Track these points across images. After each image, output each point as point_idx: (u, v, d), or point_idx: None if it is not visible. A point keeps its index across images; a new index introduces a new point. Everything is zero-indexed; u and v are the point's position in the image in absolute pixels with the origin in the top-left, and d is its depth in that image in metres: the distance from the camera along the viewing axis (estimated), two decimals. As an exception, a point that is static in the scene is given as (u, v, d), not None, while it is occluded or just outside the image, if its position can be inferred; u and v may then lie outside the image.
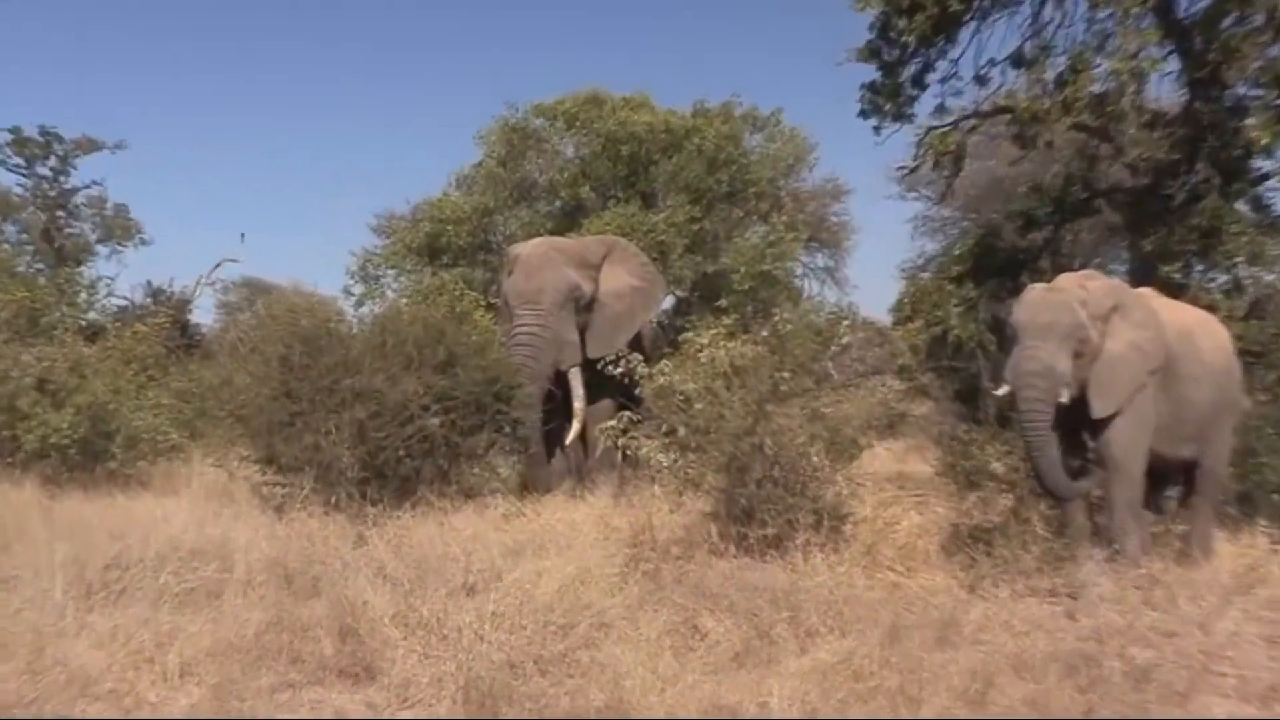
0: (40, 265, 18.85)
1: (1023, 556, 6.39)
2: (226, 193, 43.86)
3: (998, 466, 8.41)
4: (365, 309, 14.84)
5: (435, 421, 8.28)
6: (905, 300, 14.61)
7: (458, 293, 14.05)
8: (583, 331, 9.81)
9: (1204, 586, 6.05)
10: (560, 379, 9.57)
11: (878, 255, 41.96)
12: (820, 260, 18.68)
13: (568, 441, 9.57)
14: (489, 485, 8.87)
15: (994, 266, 12.40)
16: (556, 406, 9.53)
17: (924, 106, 11.29)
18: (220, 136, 46.82)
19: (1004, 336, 7.80)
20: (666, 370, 7.65)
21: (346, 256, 16.26)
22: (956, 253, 13.95)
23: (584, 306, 9.85)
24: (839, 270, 18.63)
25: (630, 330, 10.00)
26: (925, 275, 15.50)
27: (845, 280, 18.58)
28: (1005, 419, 8.21)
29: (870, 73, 11.12)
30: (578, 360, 9.62)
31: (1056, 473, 6.81)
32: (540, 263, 9.81)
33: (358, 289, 15.68)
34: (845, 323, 11.19)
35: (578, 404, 9.54)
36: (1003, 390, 7.06)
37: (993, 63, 10.81)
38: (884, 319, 16.18)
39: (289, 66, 48.07)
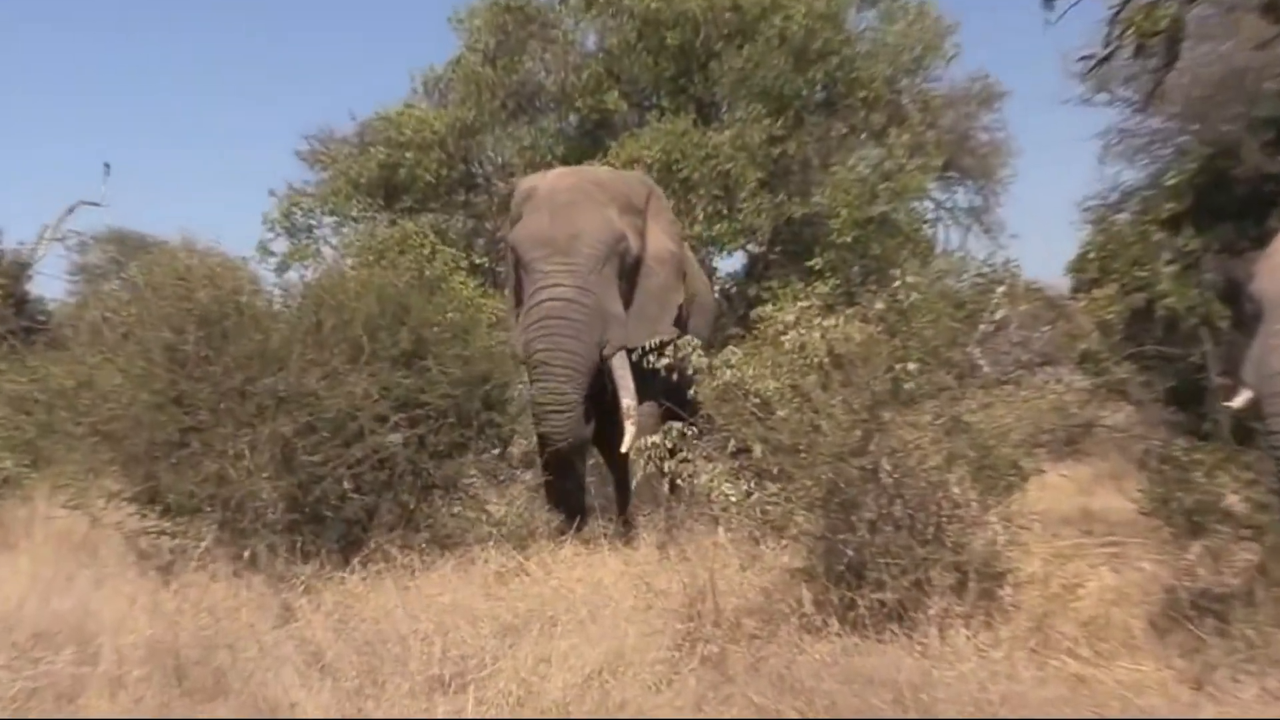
0: None
1: (1275, 636, 6.29)
2: (83, 104, 44.41)
3: (1235, 501, 8.30)
4: (292, 275, 15.06)
5: (396, 438, 8.33)
6: (1091, 255, 14.55)
7: (427, 250, 14.17)
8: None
9: None
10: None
11: (1049, 189, 41.73)
12: (962, 198, 18.70)
13: (624, 448, 9.47)
14: (475, 530, 8.88)
15: (1228, 204, 12.29)
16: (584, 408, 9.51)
17: (1120, -35, 11.18)
18: (72, 21, 47.36)
19: (1243, 311, 7.70)
20: (734, 361, 7.64)
21: (264, 198, 16.46)
22: (1170, 183, 13.83)
23: (628, 269, 9.87)
24: (990, 212, 18.70)
25: (673, 311, 10.10)
26: (1121, 218, 15.38)
27: (999, 227, 18.64)
28: (1246, 432, 8.11)
29: (1038, -85, 11.04)
30: (624, 342, 9.58)
31: None
32: (571, 198, 9.80)
33: (280, 245, 15.96)
34: (1000, 290, 11.17)
35: (628, 400, 9.49)
36: (1242, 398, 6.97)
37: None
38: (1058, 284, 16.10)
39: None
